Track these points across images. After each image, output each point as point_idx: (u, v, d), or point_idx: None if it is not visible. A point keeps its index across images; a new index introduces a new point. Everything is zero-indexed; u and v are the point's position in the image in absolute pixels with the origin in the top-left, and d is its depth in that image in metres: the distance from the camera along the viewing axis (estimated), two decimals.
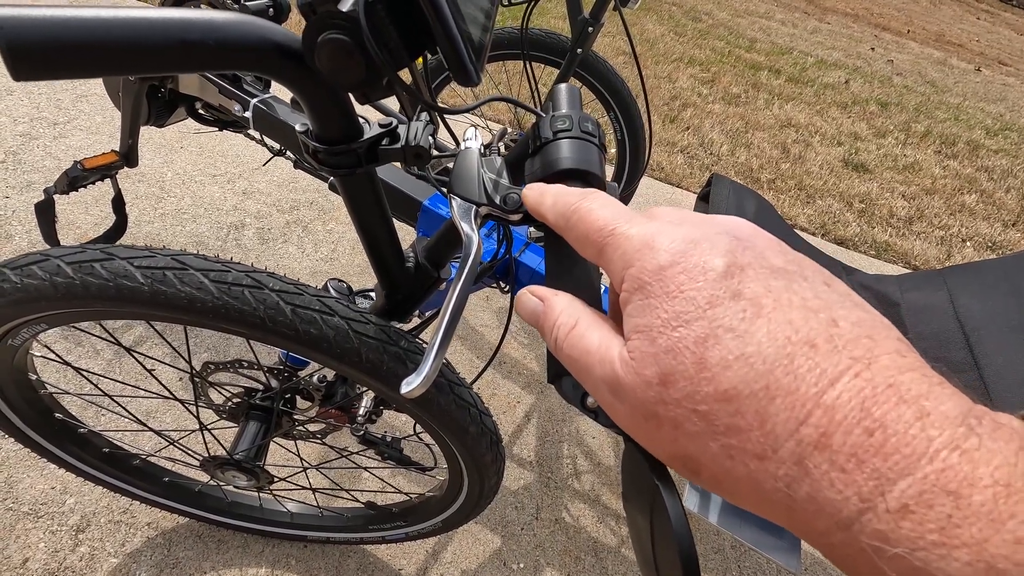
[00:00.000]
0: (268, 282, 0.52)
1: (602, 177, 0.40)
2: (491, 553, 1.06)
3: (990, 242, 2.56)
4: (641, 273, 0.19)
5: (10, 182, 1.42)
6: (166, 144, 1.71)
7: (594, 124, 0.40)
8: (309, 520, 0.94)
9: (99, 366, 1.12)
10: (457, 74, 0.33)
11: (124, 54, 0.29)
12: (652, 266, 0.19)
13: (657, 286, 0.19)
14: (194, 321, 0.52)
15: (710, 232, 0.20)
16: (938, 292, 0.88)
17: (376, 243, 0.53)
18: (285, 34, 0.34)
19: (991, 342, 0.77)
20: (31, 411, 0.71)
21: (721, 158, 2.69)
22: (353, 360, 0.54)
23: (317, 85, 0.37)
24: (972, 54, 6.62)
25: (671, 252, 0.19)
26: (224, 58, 0.32)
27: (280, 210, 1.63)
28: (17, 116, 1.62)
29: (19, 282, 0.49)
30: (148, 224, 1.46)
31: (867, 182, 2.80)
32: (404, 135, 0.44)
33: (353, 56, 0.32)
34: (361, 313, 0.55)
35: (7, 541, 0.89)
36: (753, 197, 0.93)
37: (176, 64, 0.31)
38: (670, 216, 0.21)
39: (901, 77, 4.77)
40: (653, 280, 0.19)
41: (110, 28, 0.28)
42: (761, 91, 3.57)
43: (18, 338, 0.59)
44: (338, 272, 1.51)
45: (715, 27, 4.74)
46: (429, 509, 0.85)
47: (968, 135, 3.70)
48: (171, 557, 0.93)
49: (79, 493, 0.96)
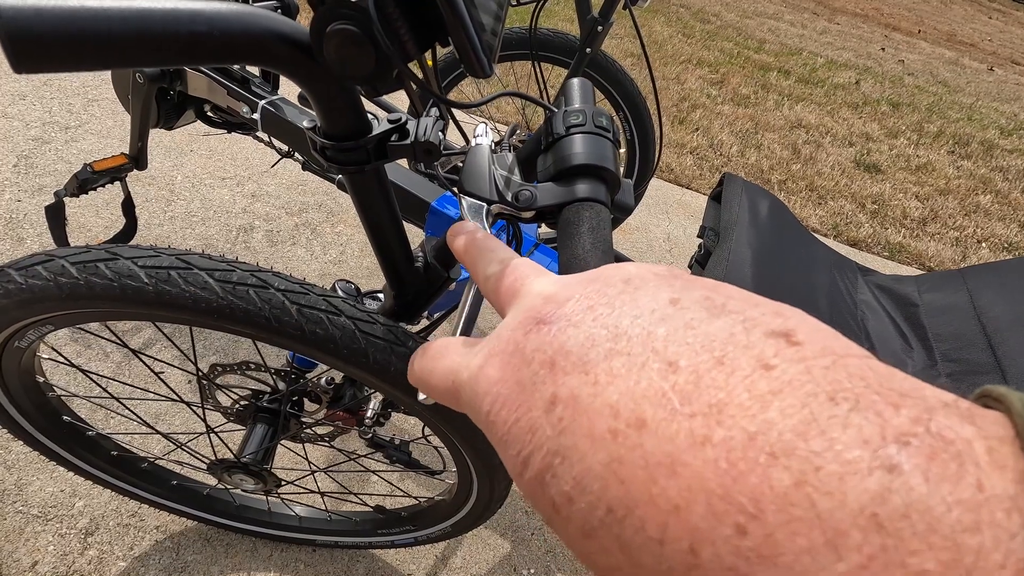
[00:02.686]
0: (273, 281, 0.51)
1: (616, 173, 0.39)
2: (501, 558, 1.05)
3: (1006, 243, 2.52)
4: (476, 418, 0.18)
5: (22, 185, 1.43)
6: (175, 147, 1.72)
7: (608, 119, 0.39)
8: (318, 524, 0.94)
9: (107, 369, 1.12)
10: (469, 65, 0.32)
11: (128, 45, 0.28)
12: (481, 417, 0.17)
13: (490, 436, 0.17)
14: (199, 321, 0.51)
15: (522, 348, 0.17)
16: (958, 292, 0.86)
17: (384, 242, 0.52)
18: (293, 26, 0.33)
19: (1015, 343, 0.75)
20: (39, 414, 0.71)
21: (731, 159, 2.66)
22: (360, 361, 0.53)
23: (325, 78, 0.36)
24: (984, 54, 6.55)
25: (490, 395, 0.17)
26: (230, 50, 0.31)
27: (289, 212, 1.63)
28: (29, 120, 1.63)
29: (24, 283, 0.49)
30: (158, 227, 1.46)
31: (879, 183, 2.77)
32: (414, 131, 0.43)
33: (362, 47, 0.31)
34: (368, 313, 0.54)
35: (17, 544, 0.88)
36: (766, 196, 0.92)
37: (181, 56, 0.30)
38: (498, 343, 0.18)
39: (912, 77, 4.73)
40: (485, 427, 0.17)
41: (114, 18, 0.28)
42: (771, 92, 3.55)
43: (25, 340, 0.59)
44: (347, 274, 1.50)
45: (723, 28, 4.72)
46: (438, 513, 0.84)
47: (982, 135, 3.65)
48: (179, 561, 0.92)
49: (88, 496, 0.95)
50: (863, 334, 0.83)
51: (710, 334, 0.14)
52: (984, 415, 0.11)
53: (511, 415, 0.16)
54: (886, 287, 0.92)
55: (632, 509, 0.12)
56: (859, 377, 0.12)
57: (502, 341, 0.18)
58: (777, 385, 0.12)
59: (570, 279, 0.18)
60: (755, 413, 0.12)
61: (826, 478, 0.10)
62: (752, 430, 0.11)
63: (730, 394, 0.12)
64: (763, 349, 0.13)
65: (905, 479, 0.10)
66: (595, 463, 0.13)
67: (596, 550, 0.13)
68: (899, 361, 0.79)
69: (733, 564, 0.11)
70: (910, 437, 0.10)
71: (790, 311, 0.14)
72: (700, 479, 0.12)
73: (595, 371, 0.14)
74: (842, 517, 0.10)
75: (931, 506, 0.10)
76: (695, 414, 0.12)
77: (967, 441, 0.10)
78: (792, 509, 0.10)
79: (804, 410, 0.11)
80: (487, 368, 0.17)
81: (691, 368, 0.13)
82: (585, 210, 0.36)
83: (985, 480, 0.10)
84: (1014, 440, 0.10)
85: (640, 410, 0.13)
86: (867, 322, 0.85)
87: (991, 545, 0.09)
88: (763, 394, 0.12)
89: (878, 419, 0.11)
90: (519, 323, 0.18)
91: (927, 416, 0.11)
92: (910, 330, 0.84)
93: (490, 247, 0.24)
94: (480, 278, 0.23)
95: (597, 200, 0.37)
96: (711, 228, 0.87)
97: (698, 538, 0.11)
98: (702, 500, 0.11)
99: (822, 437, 0.11)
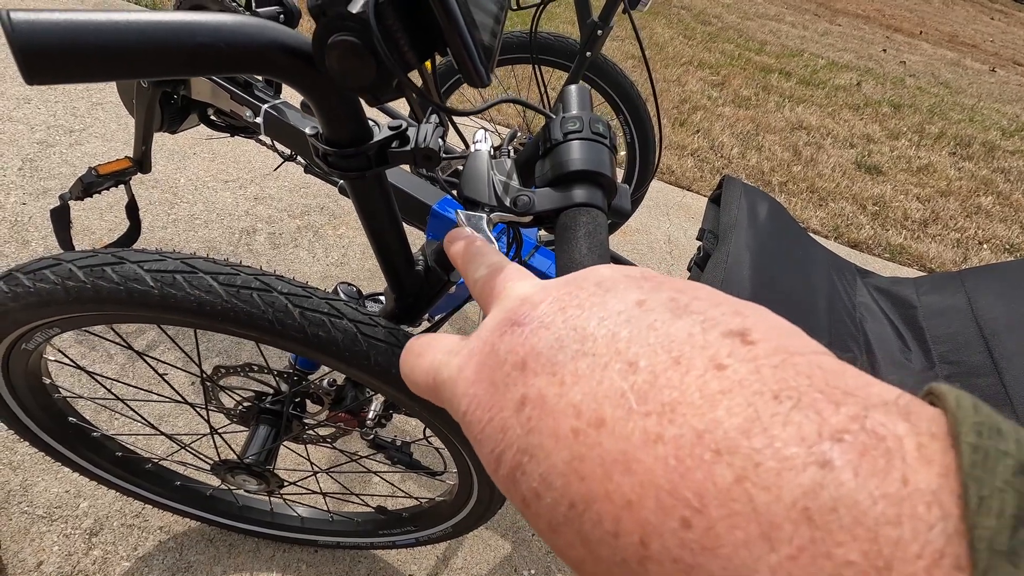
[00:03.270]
0: (277, 285, 0.52)
1: (613, 178, 0.39)
2: (502, 559, 1.05)
3: (1008, 244, 2.52)
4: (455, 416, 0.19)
5: (27, 188, 1.44)
6: (179, 150, 1.73)
7: (605, 125, 0.40)
8: (320, 525, 0.94)
9: (112, 370, 1.13)
10: (467, 75, 0.33)
11: (136, 57, 0.29)
12: (459, 416, 0.18)
13: (468, 435, 0.17)
14: (204, 324, 0.52)
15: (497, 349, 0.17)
16: (956, 294, 0.86)
17: (385, 246, 0.53)
18: (295, 36, 0.34)
19: (1012, 345, 0.75)
20: (45, 415, 0.72)
21: (732, 161, 2.67)
22: (362, 363, 0.53)
23: (327, 87, 0.37)
24: (986, 55, 6.54)
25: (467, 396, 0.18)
26: (235, 60, 0.32)
27: (291, 215, 1.64)
28: (34, 124, 1.65)
29: (31, 286, 0.50)
30: (161, 230, 1.47)
31: (880, 184, 2.77)
32: (414, 137, 0.44)
33: (363, 57, 0.31)
34: (370, 316, 0.55)
35: (22, 544, 0.89)
36: (765, 199, 0.93)
37: (187, 67, 0.31)
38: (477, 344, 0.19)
39: (914, 78, 4.72)
40: (463, 425, 0.18)
41: (123, 32, 0.28)
42: (772, 94, 3.55)
43: (31, 342, 0.60)
44: (349, 276, 1.51)
45: (724, 30, 4.72)
46: (439, 514, 0.85)
47: (983, 136, 3.65)
48: (183, 561, 0.93)
49: (92, 497, 0.96)
50: (862, 336, 0.83)
51: (670, 335, 0.14)
52: (920, 412, 0.11)
53: (485, 415, 0.16)
54: (885, 289, 0.92)
55: (590, 504, 0.13)
56: (805, 375, 0.12)
57: (480, 342, 0.18)
58: (727, 384, 0.12)
59: (549, 283, 0.19)
60: (704, 412, 0.12)
61: (764, 474, 0.11)
62: (700, 428, 0.12)
63: (683, 393, 0.13)
64: (718, 349, 0.13)
65: (836, 474, 0.10)
66: (559, 461, 0.14)
67: (563, 543, 0.14)
68: (897, 363, 0.79)
69: (679, 556, 0.11)
70: (844, 434, 0.11)
71: (750, 309, 0.15)
72: (651, 475, 0.12)
73: (562, 372, 0.15)
74: (776, 511, 0.10)
75: (858, 500, 0.10)
76: (650, 413, 0.13)
77: (898, 438, 0.11)
78: (732, 504, 0.11)
79: (749, 409, 0.12)
80: (465, 369, 0.18)
81: (649, 368, 0.13)
82: (582, 215, 0.37)
83: (911, 475, 0.10)
84: (946, 436, 0.11)
85: (600, 410, 0.14)
86: (866, 324, 0.85)
87: (910, 536, 0.10)
88: (713, 393, 0.12)
89: (817, 417, 0.11)
90: (496, 324, 0.18)
91: (864, 413, 0.11)
92: (908, 332, 0.84)
93: (482, 252, 0.25)
94: (470, 281, 0.24)
95: (594, 205, 0.38)
96: (710, 230, 0.88)
97: (648, 531, 0.12)
98: (652, 495, 0.12)
99: (764, 435, 0.11)
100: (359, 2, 0.31)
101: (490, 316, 0.20)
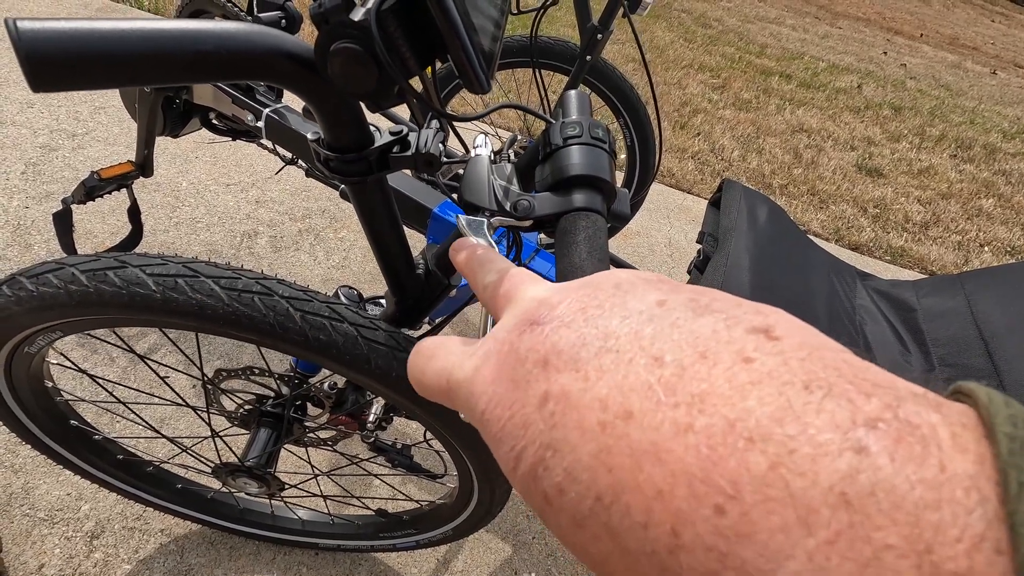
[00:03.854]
0: (278, 289, 0.52)
1: (612, 183, 0.40)
2: (502, 561, 1.05)
3: (1009, 247, 2.52)
4: (471, 417, 0.18)
5: (30, 192, 1.45)
6: (181, 154, 1.74)
7: (604, 130, 0.40)
8: (320, 527, 0.94)
9: (114, 373, 1.14)
10: (468, 82, 0.34)
11: (141, 65, 0.29)
12: (476, 416, 0.18)
13: (486, 434, 0.17)
14: (205, 328, 0.52)
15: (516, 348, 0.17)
16: (956, 297, 0.87)
17: (386, 250, 0.53)
18: (297, 44, 0.35)
19: (1012, 348, 0.75)
20: (47, 418, 0.72)
21: (732, 164, 2.67)
22: (363, 366, 0.54)
23: (329, 94, 0.37)
24: (987, 57, 6.55)
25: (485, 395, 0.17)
26: (238, 68, 0.32)
27: (292, 218, 1.64)
28: (37, 128, 1.65)
29: (35, 290, 0.50)
30: (163, 233, 1.48)
31: (881, 187, 2.77)
32: (415, 143, 0.44)
33: (365, 65, 0.32)
34: (370, 319, 0.55)
35: (24, 547, 0.90)
36: (764, 202, 0.93)
37: (191, 74, 0.31)
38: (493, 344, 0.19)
39: (915, 81, 4.73)
40: (480, 425, 0.18)
41: (127, 40, 0.29)
42: (772, 96, 3.56)
43: (34, 346, 0.60)
44: (350, 279, 1.52)
45: (725, 33, 4.73)
46: (439, 516, 0.85)
47: (984, 139, 3.65)
48: (184, 564, 0.93)
49: (94, 499, 0.96)
50: (861, 339, 0.83)
51: (694, 331, 0.14)
52: (951, 405, 0.12)
53: (504, 412, 0.16)
54: (884, 292, 0.92)
55: (619, 495, 0.13)
56: (833, 368, 0.13)
57: (497, 342, 0.18)
58: (756, 376, 0.13)
59: (563, 285, 0.19)
60: (735, 402, 0.12)
61: (799, 460, 0.11)
62: (732, 417, 0.12)
63: (712, 385, 0.13)
64: (744, 344, 0.14)
65: (873, 460, 0.11)
66: (584, 454, 0.14)
67: (587, 539, 0.14)
68: (897, 365, 0.80)
69: (712, 543, 0.11)
70: (878, 422, 0.11)
71: (770, 309, 0.15)
72: (682, 464, 0.12)
73: (585, 368, 0.15)
74: (813, 496, 0.11)
75: (896, 485, 0.10)
76: (679, 404, 0.13)
77: (932, 426, 0.11)
78: (767, 489, 0.11)
79: (780, 398, 0.12)
80: (483, 368, 0.18)
81: (676, 362, 0.14)
82: (581, 219, 0.37)
83: (947, 461, 0.10)
84: (977, 427, 0.11)
85: (627, 402, 0.14)
86: (865, 327, 0.85)
87: (950, 520, 0.10)
88: (743, 384, 0.13)
89: (850, 405, 0.11)
90: (514, 325, 0.18)
91: (896, 403, 0.11)
92: (908, 335, 0.85)
93: (489, 258, 0.26)
94: (479, 287, 0.24)
95: (593, 210, 0.38)
96: (710, 234, 0.88)
97: (680, 520, 0.12)
98: (684, 483, 0.12)
99: (797, 422, 0.11)
100: (361, 10, 0.31)
101: (505, 318, 0.20)
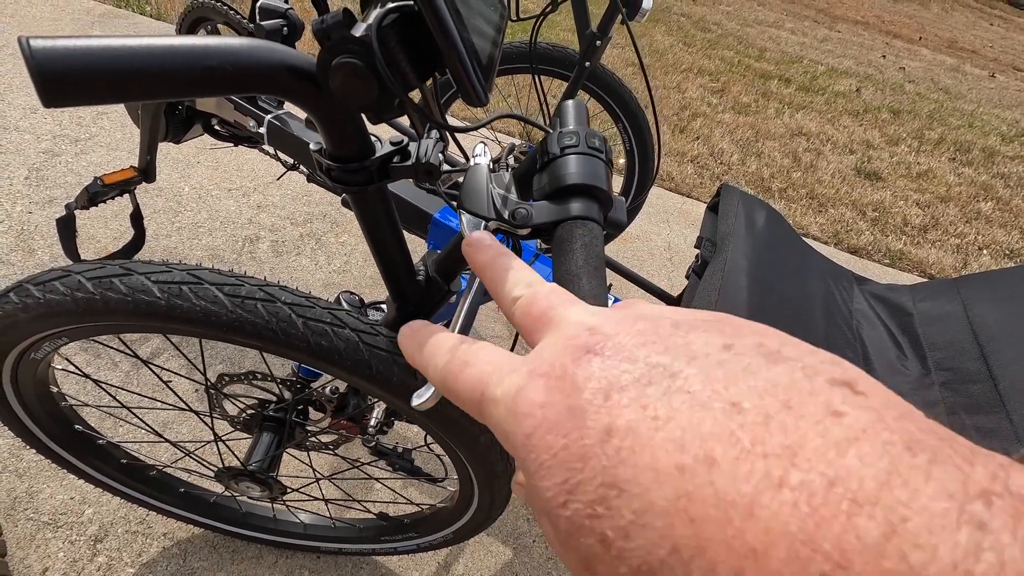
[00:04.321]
0: (280, 295, 0.53)
1: (609, 192, 0.40)
2: (503, 565, 1.06)
3: (1008, 250, 2.53)
4: (515, 450, 0.17)
5: (33, 198, 1.46)
6: (183, 159, 1.75)
7: (601, 140, 0.41)
8: (322, 531, 0.95)
9: (117, 378, 1.14)
10: (465, 95, 0.34)
11: (148, 80, 0.30)
12: (517, 439, 0.17)
13: (527, 459, 0.16)
14: (209, 334, 0.53)
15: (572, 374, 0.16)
16: (952, 302, 0.87)
17: (387, 257, 0.54)
18: (300, 57, 0.35)
19: (1007, 352, 0.76)
20: (52, 423, 0.73)
21: (731, 167, 2.68)
22: (364, 372, 0.54)
23: (331, 106, 0.38)
24: (986, 60, 6.56)
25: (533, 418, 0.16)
26: (244, 82, 0.33)
27: (294, 223, 1.65)
28: (40, 134, 1.67)
29: (42, 297, 0.51)
30: (165, 238, 1.48)
31: (880, 190, 2.78)
32: (415, 152, 0.45)
33: (366, 79, 0.33)
34: (372, 325, 0.56)
35: (27, 551, 0.90)
36: (762, 207, 0.94)
37: (199, 89, 0.32)
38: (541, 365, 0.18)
39: (913, 84, 4.74)
40: (522, 449, 0.16)
41: (135, 56, 0.30)
42: (771, 100, 3.57)
43: (40, 352, 0.61)
44: (351, 284, 1.52)
45: (724, 37, 4.75)
46: (440, 520, 0.85)
47: (983, 142, 3.66)
48: (186, 567, 0.94)
49: (97, 503, 0.97)
50: (859, 343, 0.84)
51: (771, 379, 0.13)
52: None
53: (558, 440, 0.15)
54: (881, 296, 0.93)
55: (703, 550, 0.12)
56: (929, 431, 0.12)
57: (546, 364, 0.17)
58: (852, 432, 0.12)
59: (609, 313, 0.19)
60: (832, 459, 0.11)
61: (915, 530, 0.10)
62: (831, 475, 0.11)
63: (803, 437, 0.12)
64: (830, 396, 0.13)
65: (996, 537, 0.10)
66: (659, 498, 0.13)
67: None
68: (894, 370, 0.80)
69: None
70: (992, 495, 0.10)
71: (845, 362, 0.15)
72: (780, 522, 0.11)
73: (654, 406, 0.14)
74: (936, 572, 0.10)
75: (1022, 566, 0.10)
76: (768, 455, 0.12)
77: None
78: (883, 562, 0.10)
79: (884, 459, 0.11)
80: (529, 389, 0.17)
81: (757, 410, 0.13)
82: (578, 228, 0.38)
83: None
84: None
85: (708, 447, 0.13)
86: (862, 331, 0.86)
87: None
88: (839, 440, 0.12)
89: (958, 473, 0.11)
90: (563, 350, 0.17)
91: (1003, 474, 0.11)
92: (905, 339, 0.85)
93: (513, 267, 0.24)
94: (505, 300, 0.23)
95: (590, 218, 0.39)
96: (708, 239, 0.89)
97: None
98: (783, 545, 0.11)
99: (905, 487, 0.11)
100: (362, 26, 0.32)
101: (550, 340, 0.19)
